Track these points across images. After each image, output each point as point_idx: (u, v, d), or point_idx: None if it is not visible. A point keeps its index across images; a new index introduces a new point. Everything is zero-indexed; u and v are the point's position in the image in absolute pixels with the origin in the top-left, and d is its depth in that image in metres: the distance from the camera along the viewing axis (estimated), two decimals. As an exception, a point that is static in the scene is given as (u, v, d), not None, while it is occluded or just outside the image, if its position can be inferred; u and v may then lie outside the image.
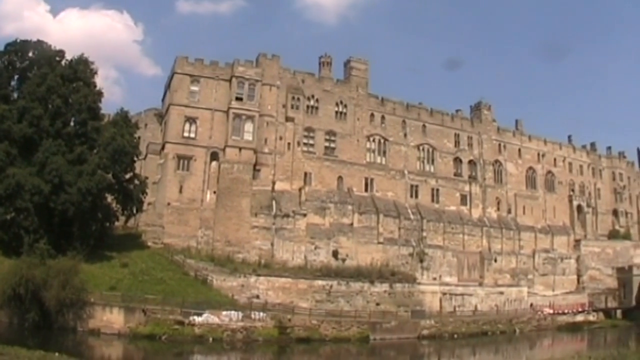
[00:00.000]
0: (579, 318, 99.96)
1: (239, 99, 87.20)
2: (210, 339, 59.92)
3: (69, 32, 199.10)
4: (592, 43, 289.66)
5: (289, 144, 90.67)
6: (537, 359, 72.02)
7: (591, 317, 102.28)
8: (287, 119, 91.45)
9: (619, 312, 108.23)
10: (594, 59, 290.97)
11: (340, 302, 79.84)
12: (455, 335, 78.93)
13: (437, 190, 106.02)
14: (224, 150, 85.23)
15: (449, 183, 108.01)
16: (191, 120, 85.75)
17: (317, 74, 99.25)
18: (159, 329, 58.28)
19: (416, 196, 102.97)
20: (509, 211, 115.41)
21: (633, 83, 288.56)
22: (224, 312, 63.70)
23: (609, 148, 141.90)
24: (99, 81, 78.40)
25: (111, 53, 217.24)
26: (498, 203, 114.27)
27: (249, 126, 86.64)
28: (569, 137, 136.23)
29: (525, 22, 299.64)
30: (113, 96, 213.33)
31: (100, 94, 75.81)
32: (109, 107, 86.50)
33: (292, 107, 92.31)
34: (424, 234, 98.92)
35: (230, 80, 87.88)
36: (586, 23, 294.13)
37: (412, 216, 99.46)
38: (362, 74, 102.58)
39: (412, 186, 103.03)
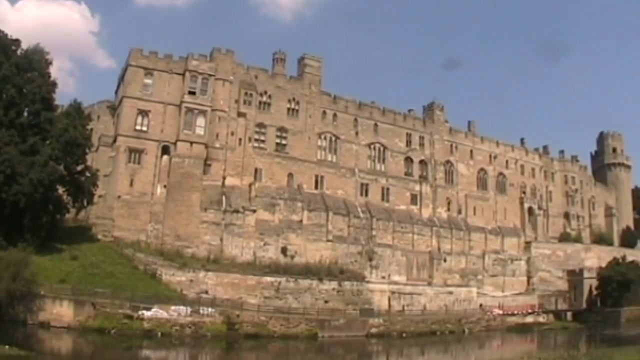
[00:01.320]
0: (529, 319, 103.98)
1: (191, 93, 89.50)
2: (159, 334, 61.59)
3: (27, 22, 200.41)
4: (551, 50, 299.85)
5: (240, 139, 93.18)
6: (487, 359, 74.08)
7: (541, 319, 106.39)
8: (239, 114, 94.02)
9: (569, 314, 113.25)
10: (551, 64, 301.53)
11: (288, 299, 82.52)
12: (404, 334, 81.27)
13: (388, 189, 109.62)
14: (175, 144, 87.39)
15: (399, 182, 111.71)
16: (144, 113, 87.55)
17: (271, 70, 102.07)
18: (108, 323, 59.88)
19: (366, 195, 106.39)
20: (460, 212, 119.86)
21: (587, 89, 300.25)
22: (173, 307, 65.83)
23: (561, 151, 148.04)
24: (54, 72, 79.41)
25: (67, 44, 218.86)
26: (448, 203, 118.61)
27: (201, 121, 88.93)
28: (522, 139, 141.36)
29: (482, 24, 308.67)
30: (67, 87, 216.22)
31: (54, 84, 76.71)
32: (62, 98, 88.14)
33: (244, 102, 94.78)
34: (374, 232, 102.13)
35: (183, 74, 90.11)
36: (546, 29, 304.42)
37: (361, 214, 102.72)
38: (316, 71, 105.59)
39: (362, 184, 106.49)
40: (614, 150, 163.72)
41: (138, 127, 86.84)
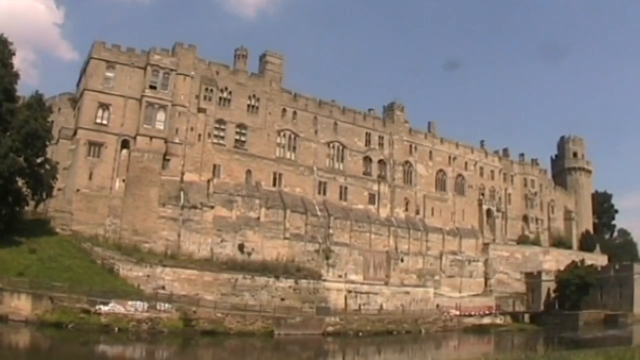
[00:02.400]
0: (486, 320, 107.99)
1: (152, 87, 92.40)
2: (116, 329, 63.57)
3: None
4: (511, 54, 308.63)
5: (199, 135, 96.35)
6: None
7: (498, 320, 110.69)
8: (200, 109, 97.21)
9: (526, 316, 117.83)
10: (513, 68, 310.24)
11: (245, 296, 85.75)
12: (360, 333, 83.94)
13: (346, 188, 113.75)
14: (135, 138, 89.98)
15: (357, 181, 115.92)
16: (104, 106, 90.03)
17: (232, 67, 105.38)
18: (65, 317, 61.73)
19: (324, 193, 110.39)
20: (418, 212, 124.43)
21: (548, 94, 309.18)
22: (130, 302, 67.95)
23: (521, 155, 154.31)
24: (17, 63, 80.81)
25: (31, 35, 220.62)
26: (407, 203, 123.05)
27: (161, 115, 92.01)
28: (482, 142, 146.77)
29: (444, 25, 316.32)
30: (30, 79, 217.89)
31: (16, 75, 78.38)
32: (24, 89, 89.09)
33: (204, 98, 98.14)
34: (331, 231, 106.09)
35: (145, 68, 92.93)
36: (506, 33, 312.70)
37: (319, 213, 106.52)
38: (277, 69, 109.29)
39: (320, 183, 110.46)
40: (575, 154, 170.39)
41: (98, 121, 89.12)
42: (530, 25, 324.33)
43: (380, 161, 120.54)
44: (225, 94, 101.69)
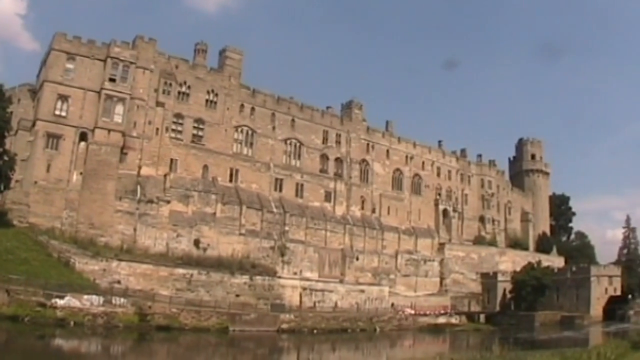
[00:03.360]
0: (441, 320, 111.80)
1: (112, 80, 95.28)
2: (72, 323, 64.88)
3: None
4: (473, 55, 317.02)
5: (157, 129, 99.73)
6: (398, 358, 77.54)
7: (453, 320, 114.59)
8: (158, 103, 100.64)
9: (482, 316, 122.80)
10: (474, 70, 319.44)
11: (200, 292, 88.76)
12: (315, 331, 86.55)
13: (302, 185, 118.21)
14: (93, 131, 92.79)
15: (314, 179, 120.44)
16: (64, 98, 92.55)
17: (192, 61, 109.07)
18: (22, 310, 62.45)
19: (280, 190, 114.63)
20: (373, 211, 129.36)
21: (509, 96, 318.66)
22: (86, 296, 69.80)
23: (479, 155, 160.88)
24: None
25: None
26: (363, 202, 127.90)
27: (119, 108, 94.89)
28: (439, 142, 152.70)
29: (404, 25, 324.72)
30: None
31: None
32: None
33: (163, 92, 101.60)
34: (286, 228, 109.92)
35: (105, 61, 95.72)
36: (468, 35, 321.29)
37: (275, 209, 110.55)
38: (236, 64, 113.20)
39: (277, 180, 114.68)
40: (533, 156, 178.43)
41: (57, 112, 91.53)
42: (494, 28, 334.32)
43: (337, 159, 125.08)
44: (184, 89, 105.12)
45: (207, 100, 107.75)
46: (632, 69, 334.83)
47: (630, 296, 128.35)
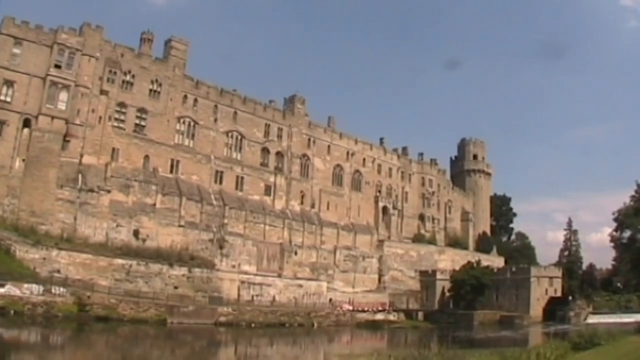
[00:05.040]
0: (379, 317, 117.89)
1: (57, 66, 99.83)
2: (12, 312, 68.98)
3: None
4: (415, 55, 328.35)
5: (100, 117, 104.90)
6: (336, 354, 76.99)
7: (391, 317, 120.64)
8: (102, 92, 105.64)
9: (420, 314, 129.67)
10: (416, 69, 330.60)
11: (139, 283, 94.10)
12: (253, 325, 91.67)
13: (242, 178, 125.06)
14: (37, 117, 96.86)
15: (254, 172, 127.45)
16: (9, 83, 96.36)
17: (137, 50, 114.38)
18: None
19: (221, 182, 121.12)
20: (313, 206, 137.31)
21: (453, 97, 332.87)
22: (26, 285, 73.65)
23: (421, 154, 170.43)
24: None
25: None
26: (302, 197, 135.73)
27: (64, 95, 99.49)
28: (381, 139, 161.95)
29: (351, 20, 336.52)
30: None
31: None
32: None
33: (108, 80, 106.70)
34: (226, 220, 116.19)
35: (52, 47, 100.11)
36: (412, 34, 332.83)
37: (215, 202, 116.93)
38: (181, 55, 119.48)
39: (217, 172, 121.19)
40: (475, 157, 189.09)
41: (2, 98, 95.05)
42: (439, 29, 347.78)
43: (278, 153, 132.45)
44: (128, 77, 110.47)
45: (150, 90, 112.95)
46: (577, 73, 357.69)
47: (570, 297, 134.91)
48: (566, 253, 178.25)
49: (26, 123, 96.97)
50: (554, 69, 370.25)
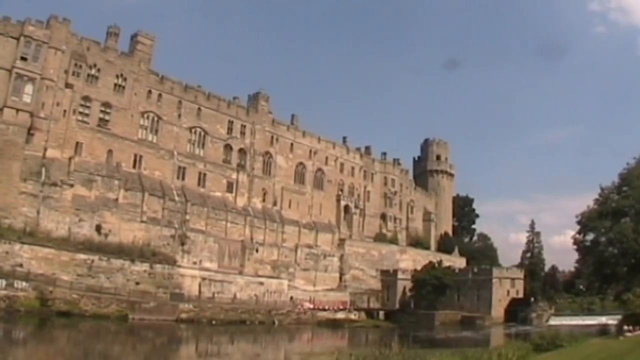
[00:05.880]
0: (340, 315, 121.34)
1: (24, 59, 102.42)
2: None
3: None
4: (384, 56, 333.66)
5: (65, 111, 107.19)
6: (297, 352, 78.21)
7: (352, 316, 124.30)
8: (67, 85, 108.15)
9: (381, 313, 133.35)
10: (384, 71, 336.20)
11: (100, 278, 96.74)
12: (214, 322, 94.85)
13: (205, 174, 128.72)
14: (2, 110, 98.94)
15: (217, 169, 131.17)
16: None
17: (103, 44, 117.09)
18: None
19: (183, 178, 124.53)
20: (275, 203, 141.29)
21: (416, 98, 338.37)
22: None
23: (384, 153, 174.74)
24: None
25: None
26: (264, 194, 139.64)
27: (29, 88, 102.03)
28: (344, 138, 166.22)
29: (318, 18, 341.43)
30: None
31: None
32: None
33: (73, 73, 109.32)
34: (188, 217, 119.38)
35: (18, 39, 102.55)
36: (376, 34, 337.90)
37: (177, 198, 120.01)
38: (147, 50, 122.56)
39: (180, 168, 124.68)
40: (438, 157, 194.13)
41: None
42: (404, 29, 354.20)
43: (240, 150, 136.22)
44: (93, 71, 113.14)
45: (115, 85, 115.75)
46: (543, 77, 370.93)
47: (532, 299, 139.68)
48: (529, 255, 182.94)
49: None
50: (520, 72, 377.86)
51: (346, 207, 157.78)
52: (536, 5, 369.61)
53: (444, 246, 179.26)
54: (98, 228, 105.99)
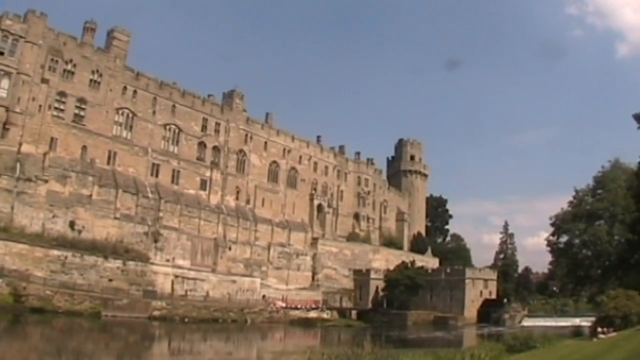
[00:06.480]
0: (312, 314, 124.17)
1: (0, 53, 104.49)
2: None
3: None
4: (359, 55, 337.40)
5: (40, 106, 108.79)
6: (269, 351, 79.65)
7: (325, 315, 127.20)
8: (43, 80, 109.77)
9: (354, 312, 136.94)
10: (359, 70, 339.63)
11: (74, 275, 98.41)
12: (186, 319, 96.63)
13: (179, 172, 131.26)
14: None
15: (190, 166, 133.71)
16: None
17: (80, 39, 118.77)
18: None
19: (157, 175, 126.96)
20: (248, 201, 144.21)
21: (391, 99, 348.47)
22: None
23: (357, 153, 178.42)
24: None
25: None
26: (238, 192, 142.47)
27: (5, 83, 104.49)
28: (318, 137, 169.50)
29: (296, 16, 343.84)
30: None
31: None
32: None
33: (49, 68, 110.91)
34: (161, 214, 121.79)
35: None
36: (356, 33, 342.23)
37: (150, 195, 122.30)
38: (123, 46, 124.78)
39: (154, 165, 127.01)
40: (412, 157, 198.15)
41: None
42: (380, 28, 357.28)
43: (214, 147, 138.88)
44: (69, 67, 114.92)
45: (91, 80, 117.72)
46: (519, 79, 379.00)
47: (505, 300, 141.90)
48: (502, 256, 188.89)
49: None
50: (495, 74, 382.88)
51: (319, 207, 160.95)
52: (513, 8, 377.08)
53: (417, 246, 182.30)
54: (72, 224, 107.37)
